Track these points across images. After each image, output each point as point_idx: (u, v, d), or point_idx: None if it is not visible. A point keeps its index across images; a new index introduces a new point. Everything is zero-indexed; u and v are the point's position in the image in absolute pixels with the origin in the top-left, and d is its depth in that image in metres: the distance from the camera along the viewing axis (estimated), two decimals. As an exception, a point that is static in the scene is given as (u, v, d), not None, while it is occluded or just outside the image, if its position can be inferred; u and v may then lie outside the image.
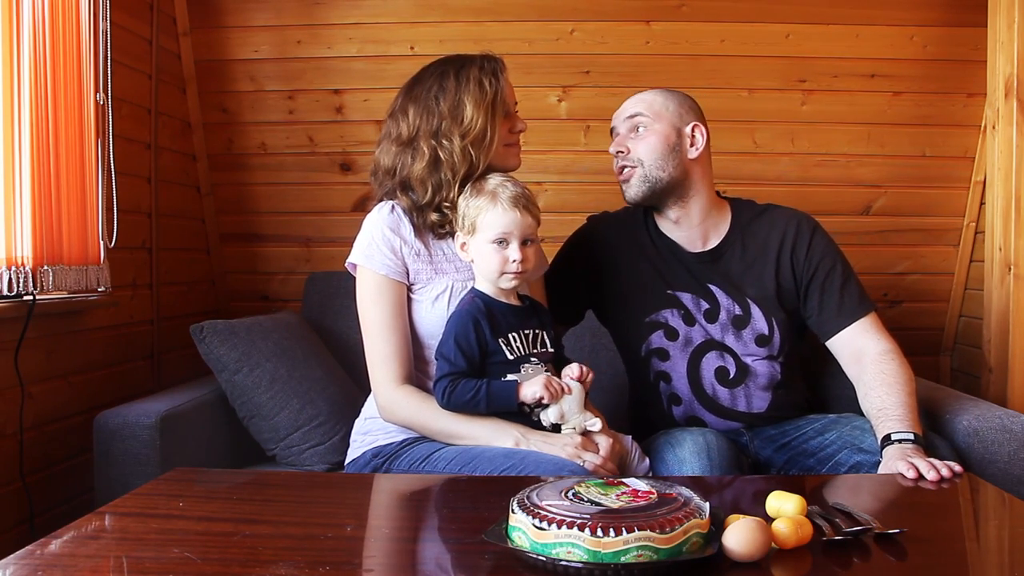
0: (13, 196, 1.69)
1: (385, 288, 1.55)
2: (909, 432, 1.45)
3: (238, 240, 2.66)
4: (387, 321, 1.54)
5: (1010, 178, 2.21)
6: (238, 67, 2.56)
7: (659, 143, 1.68)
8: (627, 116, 1.71)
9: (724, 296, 1.69)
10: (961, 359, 2.63)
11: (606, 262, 1.78)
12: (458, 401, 1.46)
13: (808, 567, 0.96)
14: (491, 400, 1.44)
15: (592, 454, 1.42)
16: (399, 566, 1.01)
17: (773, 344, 1.68)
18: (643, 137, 1.69)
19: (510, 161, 1.63)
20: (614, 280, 1.77)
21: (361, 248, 1.58)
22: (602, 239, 1.80)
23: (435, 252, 1.60)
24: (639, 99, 1.72)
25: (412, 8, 2.52)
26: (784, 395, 1.70)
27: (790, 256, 1.70)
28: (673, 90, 1.75)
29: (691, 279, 1.71)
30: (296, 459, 1.92)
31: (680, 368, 1.70)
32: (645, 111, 1.69)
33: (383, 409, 1.55)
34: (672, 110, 1.70)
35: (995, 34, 2.29)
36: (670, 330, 1.70)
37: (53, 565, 0.96)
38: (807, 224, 1.73)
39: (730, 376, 1.68)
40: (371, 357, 1.56)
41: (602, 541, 0.89)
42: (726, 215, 1.76)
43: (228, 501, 1.26)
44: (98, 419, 1.75)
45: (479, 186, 1.52)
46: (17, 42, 1.69)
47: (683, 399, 1.70)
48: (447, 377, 1.46)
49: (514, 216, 1.48)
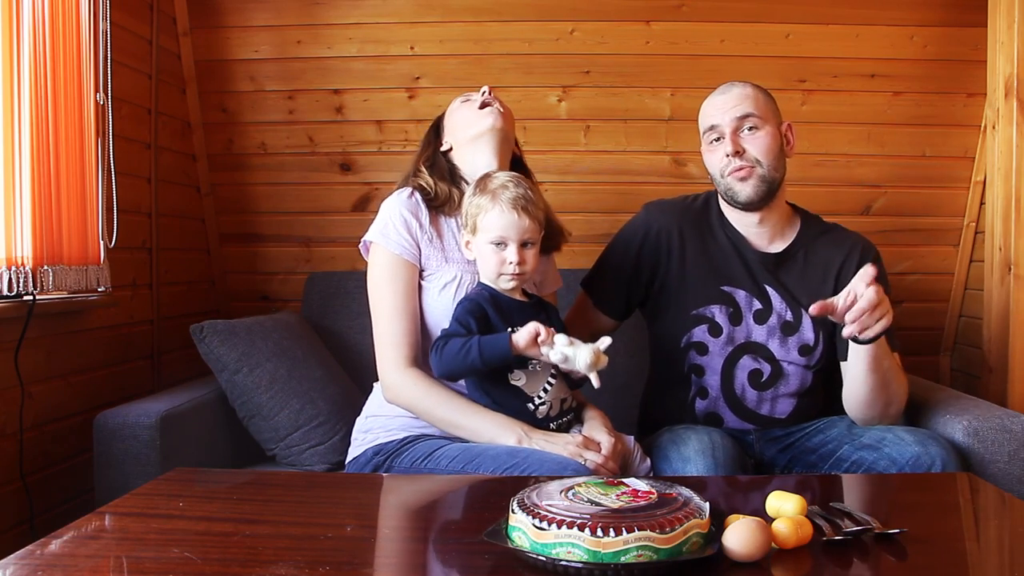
0: (13, 196, 1.69)
1: (398, 268, 1.55)
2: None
3: (238, 240, 2.66)
4: (398, 302, 1.54)
5: (1010, 178, 2.21)
6: (238, 67, 2.56)
7: (773, 143, 1.65)
8: (738, 116, 1.64)
9: (779, 300, 1.68)
10: (961, 359, 2.63)
11: (662, 251, 1.74)
12: (449, 355, 1.44)
13: (808, 567, 0.97)
14: (483, 350, 1.41)
15: (594, 453, 1.42)
16: (400, 566, 1.01)
17: (814, 355, 1.68)
18: (758, 137, 1.65)
19: (484, 122, 1.63)
20: (667, 269, 1.74)
21: (378, 227, 1.58)
22: (661, 227, 1.75)
23: (448, 241, 1.61)
24: (742, 95, 1.66)
25: (412, 8, 2.52)
26: (807, 402, 1.71)
27: (849, 276, 1.67)
28: (758, 85, 1.71)
29: (749, 277, 1.70)
30: (296, 459, 1.92)
31: (716, 364, 1.69)
32: (755, 110, 1.65)
33: (388, 389, 1.55)
34: (773, 108, 1.69)
35: (995, 34, 2.29)
36: (715, 326, 1.69)
37: (53, 565, 0.96)
38: (870, 251, 1.72)
39: (763, 379, 1.68)
40: (379, 337, 1.55)
41: (602, 541, 0.89)
42: (795, 222, 1.75)
43: (228, 501, 1.26)
44: (98, 419, 1.75)
45: (484, 184, 1.52)
46: (17, 42, 1.69)
47: (711, 394, 1.70)
48: (440, 339, 1.46)
49: (512, 218, 1.47)
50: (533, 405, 1.47)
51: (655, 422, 1.73)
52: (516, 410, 1.47)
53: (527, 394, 1.48)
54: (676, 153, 2.56)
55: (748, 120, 1.64)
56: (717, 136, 1.67)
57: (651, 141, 2.56)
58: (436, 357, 1.46)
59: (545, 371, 1.49)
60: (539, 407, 1.47)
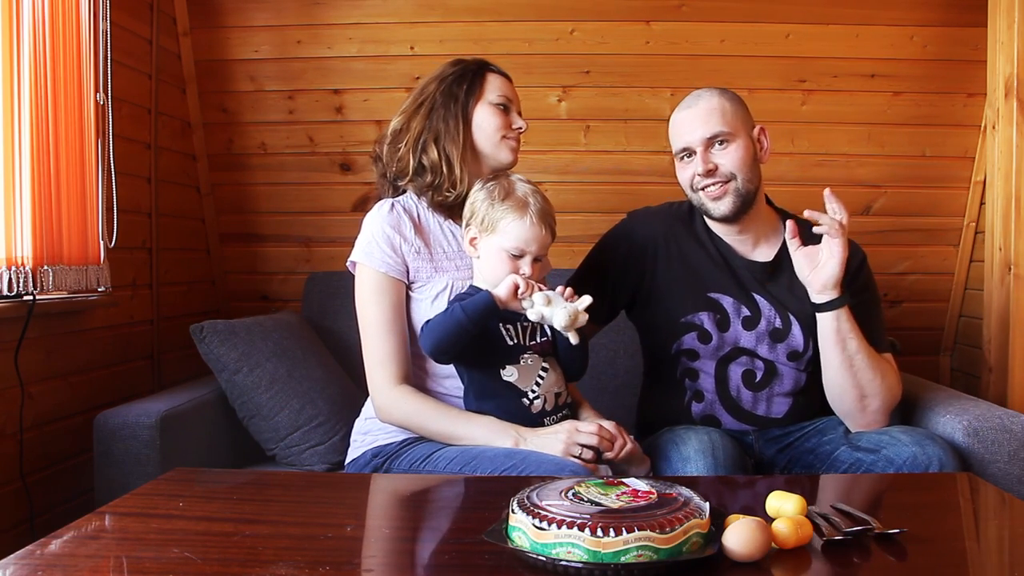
0: (13, 196, 1.69)
1: (384, 286, 1.55)
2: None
3: (238, 240, 2.66)
4: (386, 320, 1.54)
5: (1010, 178, 2.21)
6: (238, 67, 2.56)
7: (746, 154, 1.63)
8: (707, 137, 1.62)
9: (768, 307, 1.68)
10: (961, 359, 2.63)
11: (646, 258, 1.74)
12: (435, 323, 1.45)
13: (808, 567, 0.96)
14: (466, 306, 1.42)
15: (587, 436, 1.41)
16: (399, 566, 1.01)
17: (804, 359, 1.68)
18: (730, 151, 1.62)
19: (502, 155, 1.62)
20: (652, 277, 1.74)
21: (362, 246, 1.58)
22: (643, 235, 1.75)
23: (435, 250, 1.60)
24: (709, 109, 1.63)
25: (412, 8, 2.52)
26: (803, 401, 1.70)
27: None
28: (726, 90, 1.68)
29: (735, 284, 1.69)
30: (296, 459, 1.92)
31: (708, 368, 1.69)
32: (724, 126, 1.62)
33: (380, 409, 1.55)
34: (743, 116, 1.67)
35: (995, 34, 2.29)
36: (704, 333, 1.68)
37: (53, 565, 0.96)
38: (856, 254, 1.71)
39: (756, 379, 1.68)
40: (369, 356, 1.56)
41: (602, 541, 0.89)
42: (778, 226, 1.73)
43: (228, 501, 1.26)
44: (98, 419, 1.75)
45: (508, 188, 1.52)
46: (17, 42, 1.69)
47: (706, 397, 1.70)
48: (426, 322, 1.48)
49: (539, 232, 1.48)
50: (528, 400, 1.48)
51: (653, 425, 1.73)
52: (513, 406, 1.47)
53: (520, 389, 1.48)
54: (676, 153, 2.56)
55: (718, 137, 1.63)
56: (688, 154, 1.66)
57: (651, 141, 2.56)
58: (423, 335, 1.47)
59: (536, 365, 1.50)
60: (534, 401, 1.48)
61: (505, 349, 1.49)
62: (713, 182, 1.63)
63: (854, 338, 1.57)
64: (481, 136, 1.61)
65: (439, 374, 1.56)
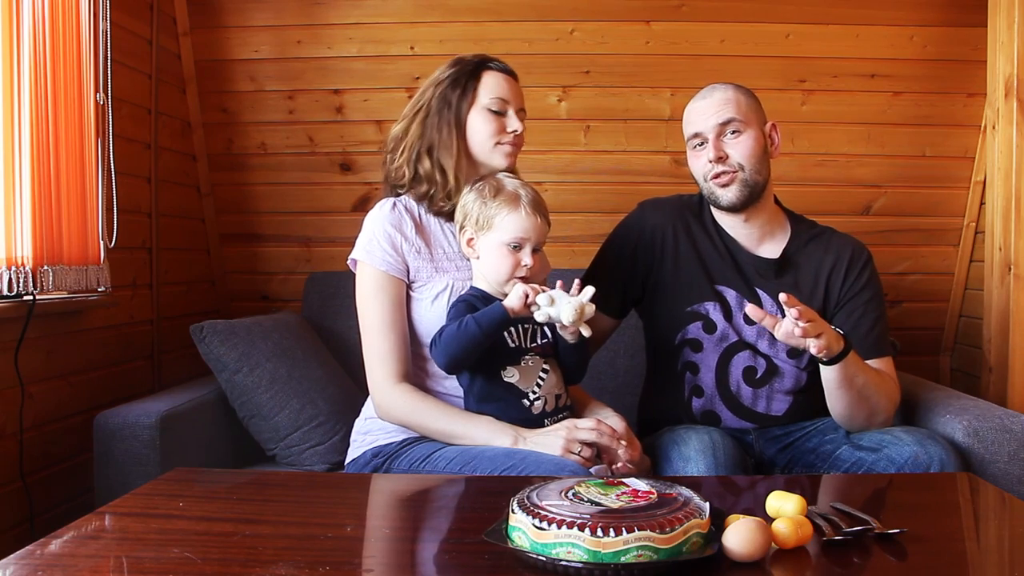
0: (13, 196, 1.69)
1: (385, 284, 1.55)
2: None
3: (238, 240, 2.66)
4: (386, 318, 1.54)
5: (1010, 178, 2.21)
6: (238, 67, 2.56)
7: (756, 146, 1.65)
8: (720, 123, 1.64)
9: (770, 303, 1.68)
10: (961, 359, 2.63)
11: (655, 247, 1.75)
12: (448, 337, 1.45)
13: (808, 567, 0.96)
14: (479, 319, 1.43)
15: (586, 431, 1.42)
16: (399, 566, 1.01)
17: (803, 358, 1.68)
18: (741, 141, 1.64)
19: (496, 160, 1.60)
20: (661, 267, 1.75)
21: (362, 244, 1.58)
22: (654, 224, 1.76)
23: (436, 251, 1.60)
24: (724, 99, 1.66)
25: (412, 8, 2.52)
26: (803, 400, 1.70)
27: (839, 279, 1.69)
28: (741, 85, 1.71)
29: (740, 278, 1.70)
30: (296, 459, 1.93)
31: (710, 361, 1.69)
32: (737, 114, 1.64)
33: (379, 408, 1.55)
34: (756, 109, 1.69)
35: (995, 34, 2.29)
36: (709, 323, 1.69)
37: (53, 565, 0.96)
38: (860, 254, 1.72)
39: (757, 376, 1.68)
40: (368, 355, 1.56)
41: (602, 541, 0.89)
42: (785, 225, 1.75)
43: (228, 501, 1.26)
44: (98, 419, 1.75)
45: (497, 185, 1.52)
46: (17, 42, 1.69)
47: (706, 392, 1.70)
48: (436, 334, 1.49)
49: (534, 221, 1.49)
50: (528, 400, 1.48)
51: (654, 423, 1.73)
52: (514, 407, 1.48)
53: (521, 390, 1.49)
54: (676, 153, 2.55)
55: (730, 125, 1.64)
56: (700, 142, 1.68)
57: (651, 141, 2.56)
58: (435, 347, 1.48)
59: (536, 366, 1.50)
60: (534, 402, 1.48)
61: (507, 351, 1.49)
62: (723, 169, 1.64)
63: (860, 373, 1.55)
64: (474, 143, 1.60)
65: (439, 374, 1.56)
